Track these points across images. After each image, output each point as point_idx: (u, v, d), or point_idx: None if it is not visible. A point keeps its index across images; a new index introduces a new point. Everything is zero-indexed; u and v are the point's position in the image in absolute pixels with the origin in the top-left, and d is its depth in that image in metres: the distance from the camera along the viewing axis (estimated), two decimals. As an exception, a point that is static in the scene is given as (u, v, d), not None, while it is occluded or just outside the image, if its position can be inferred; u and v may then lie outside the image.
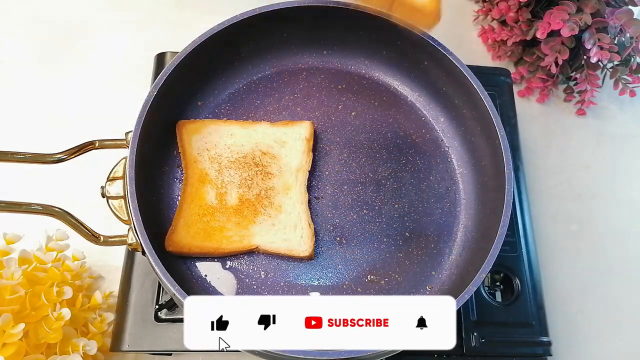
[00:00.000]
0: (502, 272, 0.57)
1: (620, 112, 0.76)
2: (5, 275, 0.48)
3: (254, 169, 0.53)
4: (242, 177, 0.52)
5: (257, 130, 0.55)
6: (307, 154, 0.54)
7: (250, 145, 0.54)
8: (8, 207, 0.44)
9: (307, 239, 0.50)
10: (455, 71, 0.53)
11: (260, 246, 0.50)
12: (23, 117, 0.69)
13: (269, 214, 0.51)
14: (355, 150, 0.57)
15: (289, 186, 0.52)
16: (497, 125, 0.50)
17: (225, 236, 0.50)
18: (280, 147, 0.54)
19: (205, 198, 0.51)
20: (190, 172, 0.52)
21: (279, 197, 0.52)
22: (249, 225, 0.50)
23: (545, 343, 0.54)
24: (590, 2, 0.63)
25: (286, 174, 0.53)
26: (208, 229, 0.50)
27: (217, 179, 0.52)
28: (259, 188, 0.52)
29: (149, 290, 0.53)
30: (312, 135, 0.55)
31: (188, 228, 0.50)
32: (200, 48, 0.51)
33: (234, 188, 0.52)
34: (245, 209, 0.51)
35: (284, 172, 0.53)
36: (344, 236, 0.52)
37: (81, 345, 0.49)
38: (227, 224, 0.50)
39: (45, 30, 0.75)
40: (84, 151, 0.48)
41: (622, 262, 0.66)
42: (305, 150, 0.54)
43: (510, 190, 0.47)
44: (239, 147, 0.54)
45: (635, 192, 0.71)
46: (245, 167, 0.53)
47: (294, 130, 0.55)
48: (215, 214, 0.51)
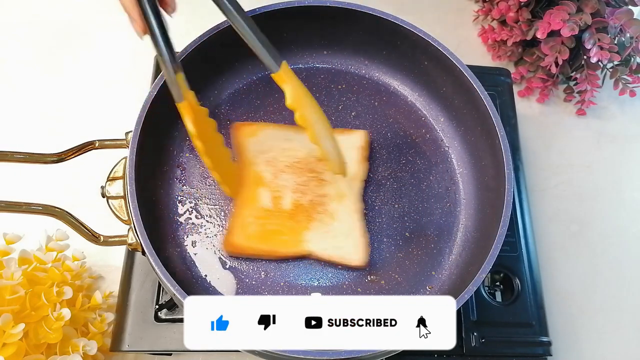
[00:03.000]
0: (502, 272, 0.57)
1: (620, 112, 0.76)
2: (5, 275, 0.48)
3: (308, 175, 0.53)
4: (297, 182, 0.52)
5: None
6: (361, 163, 0.54)
7: (305, 151, 0.54)
8: (8, 207, 0.44)
9: (361, 248, 0.50)
10: (455, 71, 0.53)
11: (313, 253, 0.50)
12: (23, 117, 0.69)
13: (323, 220, 0.51)
14: (355, 150, 0.56)
15: (342, 194, 0.52)
16: (497, 125, 0.50)
17: (280, 240, 0.50)
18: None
19: (260, 201, 0.51)
20: (245, 174, 0.52)
21: (333, 205, 0.51)
22: (302, 231, 0.50)
23: (545, 343, 0.54)
24: (590, 2, 0.63)
25: (340, 181, 0.52)
26: (263, 231, 0.50)
27: (272, 182, 0.52)
28: (313, 194, 0.52)
29: (149, 290, 0.53)
30: (367, 144, 0.55)
31: (244, 230, 0.50)
32: (200, 48, 0.51)
33: (289, 192, 0.52)
34: (299, 214, 0.51)
35: (338, 180, 0.53)
36: (344, 236, 0.52)
37: (81, 345, 0.49)
38: (281, 227, 0.50)
39: (46, 30, 0.75)
40: (84, 151, 0.48)
41: (622, 262, 0.66)
42: (359, 159, 0.54)
43: (510, 190, 0.47)
44: (295, 152, 0.54)
45: (636, 192, 0.71)
46: (300, 173, 0.53)
47: (348, 139, 0.54)
48: (271, 217, 0.51)
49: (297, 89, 0.46)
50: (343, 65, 0.61)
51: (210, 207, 0.52)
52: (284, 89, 0.45)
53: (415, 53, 0.56)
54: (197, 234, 0.51)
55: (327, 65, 0.61)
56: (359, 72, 0.61)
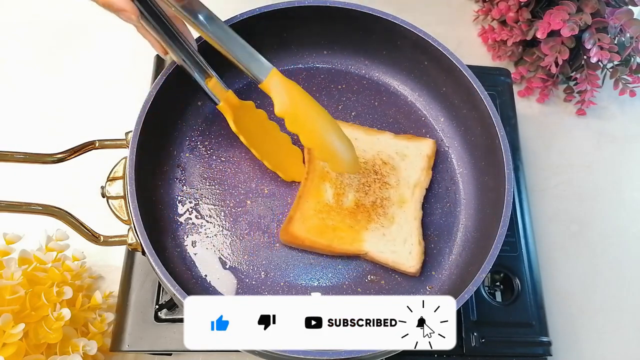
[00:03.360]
0: (502, 272, 0.57)
1: (620, 112, 0.76)
2: (5, 275, 0.48)
3: (372, 176, 0.53)
4: (361, 182, 0.53)
5: (380, 139, 0.55)
6: (426, 171, 0.54)
7: (372, 153, 0.54)
8: (8, 207, 0.43)
9: (416, 256, 0.50)
10: (455, 71, 0.53)
11: (369, 253, 0.50)
12: (23, 117, 0.69)
13: (382, 223, 0.51)
14: (355, 150, 0.57)
15: (404, 200, 0.52)
16: (497, 125, 0.50)
17: (337, 236, 0.50)
18: (401, 160, 0.54)
19: (323, 195, 0.52)
20: (311, 167, 0.53)
21: (393, 209, 0.52)
22: (361, 230, 0.51)
23: (545, 343, 0.54)
24: (590, 2, 0.63)
25: (403, 187, 0.53)
26: (322, 225, 0.50)
27: (336, 178, 0.53)
28: (375, 196, 0.52)
29: (149, 290, 0.53)
30: (433, 153, 0.55)
31: (304, 221, 0.50)
32: (201, 48, 0.51)
33: (352, 191, 0.52)
34: (359, 214, 0.51)
35: (401, 185, 0.53)
36: (344, 236, 0.52)
37: (81, 345, 0.49)
38: (340, 224, 0.51)
39: (46, 30, 0.75)
40: (84, 151, 0.48)
41: (622, 262, 0.66)
42: (425, 167, 0.54)
43: (510, 190, 0.47)
44: (361, 152, 0.54)
45: (636, 192, 0.71)
46: (365, 173, 0.53)
47: (416, 146, 0.55)
48: (331, 213, 0.51)
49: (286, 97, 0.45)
50: (343, 65, 0.61)
51: (210, 207, 0.52)
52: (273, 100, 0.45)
53: (415, 53, 0.56)
54: (197, 234, 0.51)
55: (327, 65, 0.61)
56: (359, 72, 0.61)
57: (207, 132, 0.56)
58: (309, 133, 0.46)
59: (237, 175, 0.54)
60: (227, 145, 0.56)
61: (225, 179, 0.54)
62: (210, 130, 0.56)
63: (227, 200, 0.53)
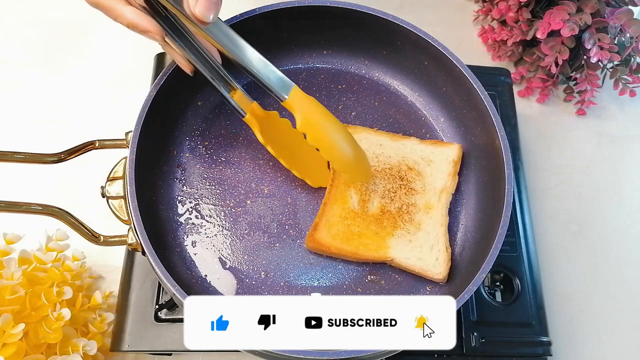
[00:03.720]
0: (502, 272, 0.57)
1: (620, 112, 0.76)
2: (5, 275, 0.48)
3: (398, 182, 0.53)
4: (386, 188, 0.53)
5: (406, 144, 0.55)
6: (452, 177, 0.54)
7: (397, 159, 0.54)
8: (8, 207, 0.44)
9: (443, 262, 0.50)
10: (455, 71, 0.53)
11: (395, 259, 0.50)
12: (23, 117, 0.69)
13: (408, 229, 0.51)
14: (355, 150, 0.57)
15: (430, 206, 0.52)
16: (497, 125, 0.50)
17: (362, 242, 0.50)
18: (427, 166, 0.54)
19: (348, 201, 0.52)
20: (336, 174, 0.53)
21: (420, 215, 0.52)
22: (386, 237, 0.50)
23: (545, 343, 0.54)
24: (590, 2, 0.63)
25: (429, 192, 0.53)
26: (347, 232, 0.50)
27: (362, 185, 0.52)
28: (401, 202, 0.52)
29: (149, 290, 0.53)
30: (459, 158, 0.55)
31: (329, 228, 0.50)
32: (200, 48, 0.51)
33: (377, 197, 0.52)
34: (385, 220, 0.51)
35: (427, 191, 0.53)
36: (344, 236, 0.52)
37: (81, 345, 0.49)
38: (365, 231, 0.51)
39: (46, 30, 0.75)
40: (84, 151, 0.48)
41: (622, 262, 0.66)
42: (451, 172, 0.54)
43: (510, 190, 0.47)
44: (387, 158, 0.54)
45: (636, 192, 0.71)
46: (390, 179, 0.53)
47: (442, 151, 0.55)
48: (356, 219, 0.51)
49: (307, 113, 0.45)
50: (343, 65, 0.61)
51: (210, 207, 0.52)
52: (295, 116, 0.46)
53: (415, 53, 0.56)
54: (197, 234, 0.51)
55: (327, 65, 0.61)
56: (359, 72, 0.61)
57: (207, 132, 0.56)
58: (329, 148, 0.46)
59: (237, 175, 0.54)
60: (227, 145, 0.56)
61: (225, 179, 0.54)
62: (210, 130, 0.56)
63: (227, 200, 0.53)
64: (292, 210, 0.53)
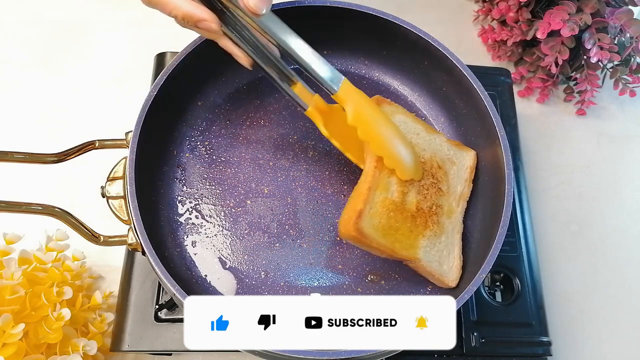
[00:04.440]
0: (502, 272, 0.57)
1: (620, 112, 0.77)
2: (5, 275, 0.48)
3: (430, 180, 0.50)
4: (420, 184, 0.49)
5: (436, 140, 0.53)
6: (468, 184, 0.52)
7: (429, 153, 0.52)
8: (8, 207, 0.44)
9: (455, 270, 0.49)
10: (455, 71, 0.53)
11: (421, 261, 0.47)
12: (23, 117, 0.69)
13: (435, 232, 0.49)
14: (355, 150, 0.56)
15: (452, 210, 0.51)
16: (497, 125, 0.50)
17: (398, 239, 0.47)
18: (451, 167, 0.52)
19: (389, 189, 0.47)
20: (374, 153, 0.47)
21: (444, 218, 0.50)
22: (418, 236, 0.48)
23: (545, 343, 0.54)
24: (590, 2, 0.63)
25: (452, 196, 0.51)
26: (387, 226, 0.46)
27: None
28: (431, 202, 0.49)
29: (149, 290, 0.53)
30: (475, 165, 0.53)
31: (372, 218, 0.46)
32: (200, 48, 0.51)
33: (414, 192, 0.48)
34: (419, 218, 0.48)
35: (450, 194, 0.51)
36: (344, 236, 0.52)
37: (81, 345, 0.49)
38: (402, 226, 0.47)
39: (46, 30, 0.75)
40: (84, 151, 0.48)
41: (622, 262, 0.66)
42: (468, 178, 0.52)
43: (510, 190, 0.47)
44: (421, 150, 0.51)
45: (636, 192, 0.71)
46: (425, 175, 0.50)
47: (462, 155, 0.53)
48: (396, 213, 0.47)
49: (359, 106, 0.45)
50: (343, 65, 0.61)
51: (210, 207, 0.52)
52: (345, 109, 0.45)
53: (415, 53, 0.56)
54: (197, 234, 0.51)
55: (327, 65, 0.61)
56: (359, 72, 0.61)
57: (207, 132, 0.56)
58: (379, 143, 0.46)
59: (237, 175, 0.54)
60: (227, 145, 0.56)
61: (225, 179, 0.54)
62: (210, 130, 0.56)
63: (227, 200, 0.53)
64: (292, 210, 0.53)
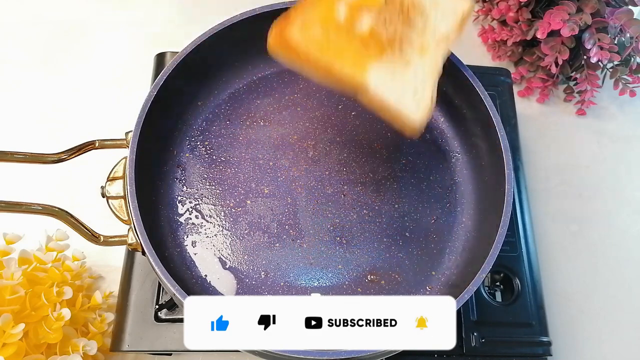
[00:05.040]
0: (502, 272, 0.57)
1: (620, 112, 0.77)
2: (5, 275, 0.48)
3: (396, 14, 0.45)
4: (382, 15, 0.44)
5: None
6: (456, 30, 0.47)
7: None
8: (8, 207, 0.43)
9: (423, 109, 0.44)
10: (455, 71, 0.53)
11: (370, 90, 0.42)
12: (23, 117, 0.69)
13: (395, 63, 0.44)
14: (355, 150, 0.56)
15: (425, 48, 0.45)
16: (497, 125, 0.50)
17: (340, 57, 0.42)
18: (433, 8, 0.46)
19: (334, 10, 0.43)
20: None
21: (412, 54, 0.44)
22: (369, 59, 0.43)
23: (545, 343, 0.54)
24: (590, 2, 0.63)
25: (428, 35, 0.45)
26: (325, 41, 0.41)
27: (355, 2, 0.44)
28: (394, 32, 0.44)
29: (149, 290, 0.53)
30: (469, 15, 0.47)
31: (304, 28, 0.41)
32: (200, 48, 0.51)
33: (369, 20, 0.43)
34: (372, 42, 0.43)
35: (427, 33, 0.45)
36: (344, 236, 0.52)
37: (81, 345, 0.49)
38: (347, 45, 0.42)
39: (46, 30, 0.75)
40: (84, 151, 0.48)
41: (622, 262, 0.66)
42: (456, 25, 0.46)
43: (510, 190, 0.47)
44: None
45: (636, 192, 0.71)
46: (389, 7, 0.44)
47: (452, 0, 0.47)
48: (340, 32, 0.42)
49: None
50: (343, 65, 0.61)
51: (210, 207, 0.52)
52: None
53: (415, 53, 0.56)
54: (197, 234, 0.51)
55: (327, 65, 0.61)
56: (359, 72, 0.61)
57: (207, 132, 0.56)
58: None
59: (237, 175, 0.54)
60: (227, 145, 0.56)
61: (225, 179, 0.54)
62: (210, 130, 0.56)
63: (227, 200, 0.53)
64: (292, 210, 0.53)
